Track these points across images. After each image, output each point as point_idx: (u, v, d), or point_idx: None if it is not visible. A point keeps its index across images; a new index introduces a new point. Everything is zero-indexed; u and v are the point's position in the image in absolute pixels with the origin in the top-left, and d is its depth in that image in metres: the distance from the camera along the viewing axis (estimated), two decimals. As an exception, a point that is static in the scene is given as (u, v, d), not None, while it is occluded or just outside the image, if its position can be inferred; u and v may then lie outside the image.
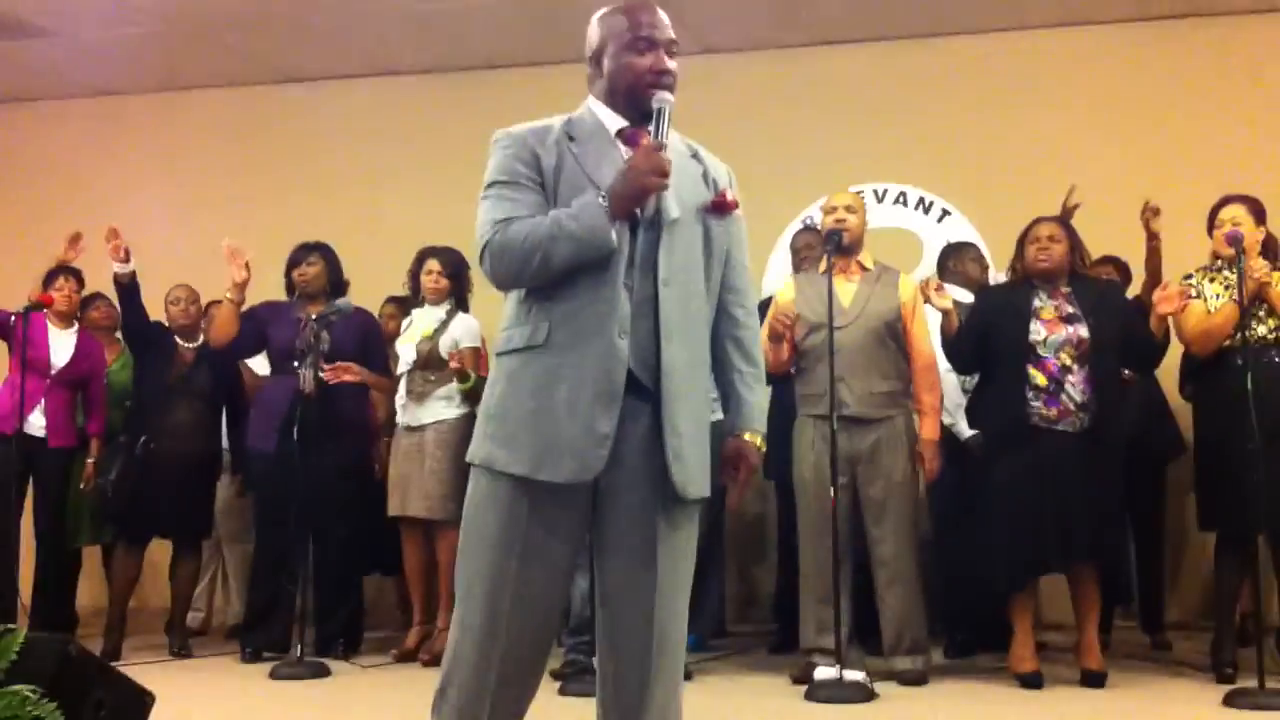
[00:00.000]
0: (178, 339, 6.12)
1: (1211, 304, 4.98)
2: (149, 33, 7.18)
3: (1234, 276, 4.80)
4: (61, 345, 6.19)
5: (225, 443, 6.31)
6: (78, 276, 6.32)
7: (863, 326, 5.02)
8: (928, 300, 5.03)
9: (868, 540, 5.05)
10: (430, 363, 5.63)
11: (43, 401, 6.08)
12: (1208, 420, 5.09)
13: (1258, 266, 4.84)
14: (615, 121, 2.75)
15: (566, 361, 2.56)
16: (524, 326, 2.63)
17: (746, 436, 2.71)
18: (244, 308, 5.76)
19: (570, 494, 2.58)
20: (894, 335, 5.08)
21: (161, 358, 6.06)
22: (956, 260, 6.05)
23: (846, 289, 5.09)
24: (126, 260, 5.87)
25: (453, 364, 5.41)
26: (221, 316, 5.78)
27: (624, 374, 2.55)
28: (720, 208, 2.75)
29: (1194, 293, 5.03)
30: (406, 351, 5.72)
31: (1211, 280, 5.03)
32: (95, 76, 8.05)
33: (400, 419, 5.72)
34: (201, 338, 6.17)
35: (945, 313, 5.02)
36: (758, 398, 2.76)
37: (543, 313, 2.61)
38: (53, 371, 6.10)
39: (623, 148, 2.71)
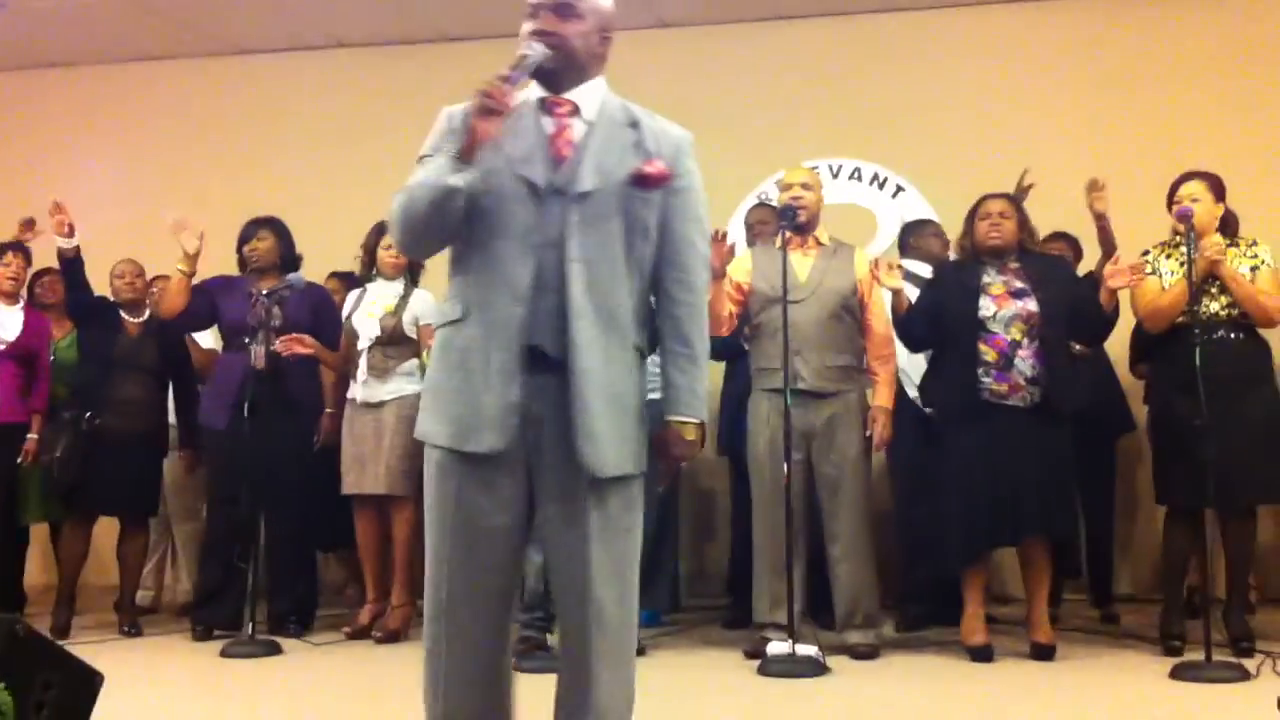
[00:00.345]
0: (123, 313, 6.06)
1: (1167, 280, 5.01)
2: (98, 3, 7.07)
3: (1187, 252, 4.84)
4: (8, 321, 6.10)
5: (172, 418, 6.26)
6: (24, 252, 6.24)
7: (818, 301, 5.03)
8: (877, 280, 5.04)
9: (822, 515, 5.07)
10: (394, 338, 5.59)
11: None
12: (1160, 396, 5.14)
13: (1210, 244, 4.88)
14: (540, 93, 2.74)
15: (479, 334, 2.61)
16: (451, 301, 2.68)
17: (673, 423, 2.68)
18: (195, 281, 5.70)
19: (498, 466, 2.60)
20: (850, 310, 5.10)
21: (106, 332, 6.00)
22: (917, 237, 6.08)
23: (803, 264, 5.10)
24: (70, 235, 5.80)
25: (428, 342, 5.36)
26: (172, 288, 5.71)
27: (520, 346, 2.57)
28: (642, 180, 2.68)
29: (1149, 269, 5.06)
30: (368, 326, 5.67)
31: (1168, 256, 5.06)
32: (43, 48, 7.94)
33: (357, 395, 5.66)
34: (148, 312, 6.12)
35: (895, 292, 5.03)
36: (689, 380, 2.70)
37: (464, 286, 2.66)
38: (0, 347, 6.02)
39: (545, 118, 2.71)
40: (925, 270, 5.64)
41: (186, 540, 6.73)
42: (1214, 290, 4.94)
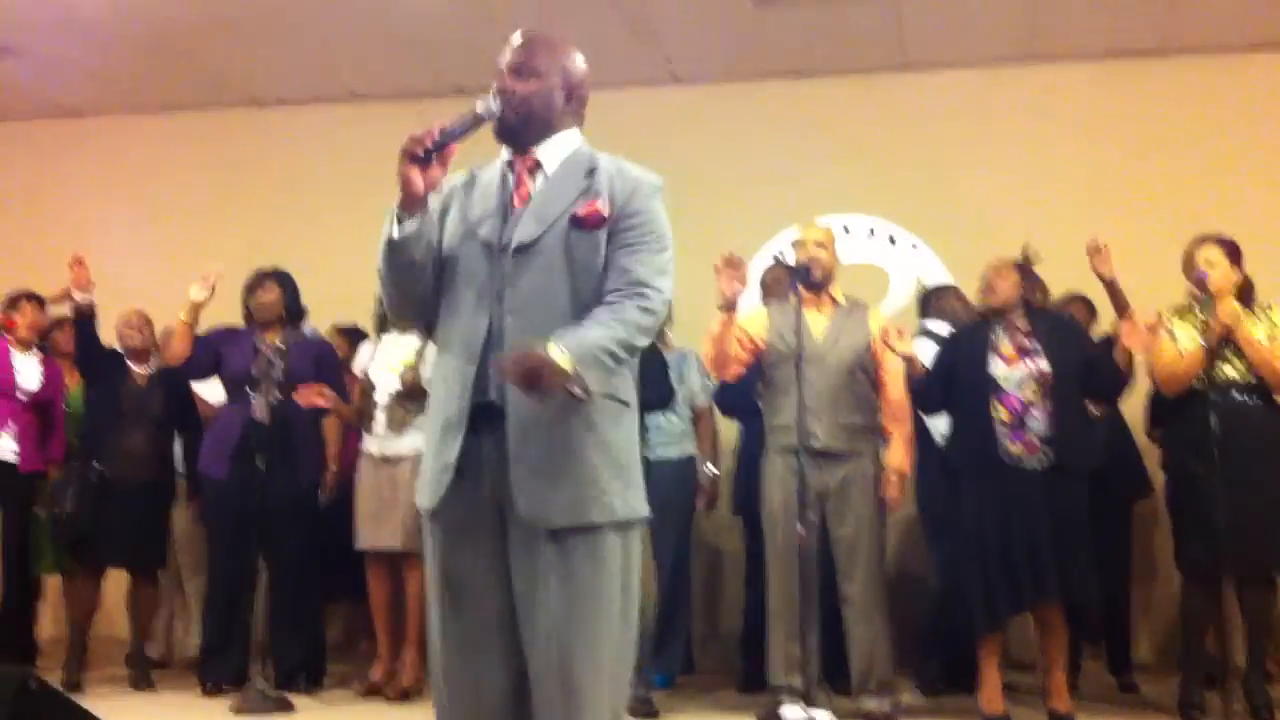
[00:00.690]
0: (130, 363, 6.05)
1: (1182, 345, 5.00)
2: (116, 53, 7.13)
3: (1204, 317, 4.83)
4: (28, 370, 6.10)
5: (180, 467, 6.25)
6: (39, 301, 6.25)
7: (833, 360, 5.02)
8: (889, 347, 4.99)
9: (836, 576, 5.04)
10: (412, 392, 5.54)
11: (11, 425, 5.98)
12: (1176, 460, 5.12)
13: (1226, 309, 4.88)
14: (509, 155, 2.83)
15: (442, 393, 2.70)
16: (435, 362, 2.78)
17: (549, 343, 2.52)
18: (200, 330, 5.74)
19: (473, 522, 2.65)
20: (864, 369, 5.09)
21: (112, 382, 5.99)
22: (939, 299, 6.06)
23: (817, 322, 5.09)
24: (88, 289, 5.81)
25: None
26: (176, 335, 5.72)
27: (466, 403, 2.63)
28: (579, 222, 2.70)
29: (1164, 332, 5.04)
30: (386, 380, 5.64)
31: (1182, 319, 5.06)
32: (60, 96, 7.98)
33: (373, 449, 5.64)
34: (154, 362, 6.11)
35: (908, 359, 5.01)
36: (587, 329, 2.58)
37: (439, 349, 2.77)
38: (19, 394, 6.00)
39: (509, 177, 2.80)
40: (945, 329, 5.64)
41: (198, 593, 6.70)
42: (1230, 355, 4.93)
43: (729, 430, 6.24)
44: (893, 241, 7.17)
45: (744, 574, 6.13)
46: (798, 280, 5.00)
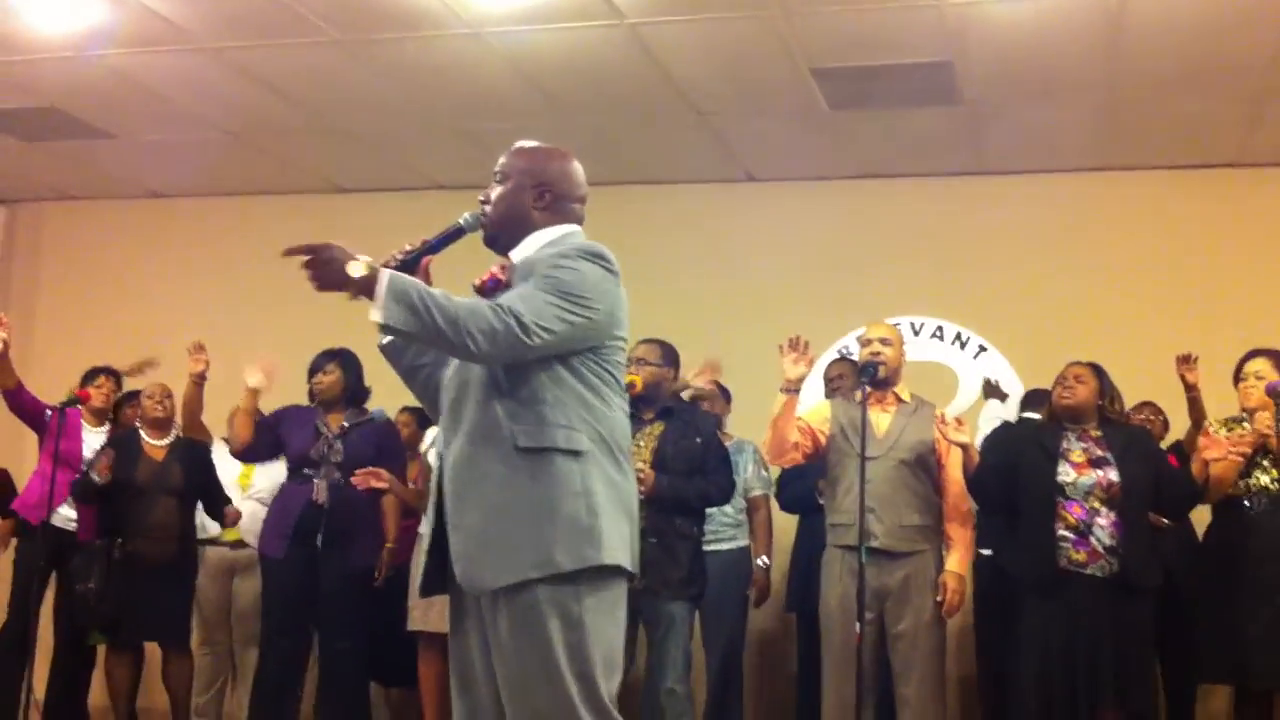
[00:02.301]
0: (144, 436, 6.11)
1: None
2: (205, 139, 7.31)
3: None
4: (95, 442, 6.21)
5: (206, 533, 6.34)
6: (116, 377, 6.37)
7: (895, 458, 4.98)
8: (944, 436, 4.94)
9: (893, 678, 4.96)
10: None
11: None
12: (1208, 568, 5.12)
13: (1261, 419, 4.89)
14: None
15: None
16: None
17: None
18: (267, 412, 5.84)
19: (458, 604, 2.82)
20: (927, 469, 5.04)
21: (129, 456, 6.02)
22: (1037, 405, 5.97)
23: (881, 420, 5.07)
24: (204, 375, 5.93)
25: None
26: (236, 423, 5.79)
27: (435, 485, 2.84)
28: (478, 290, 2.86)
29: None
30: (443, 463, 5.67)
31: (1230, 430, 5.04)
32: (149, 179, 8.20)
33: (425, 531, 5.64)
34: (174, 433, 6.17)
35: (964, 448, 4.95)
36: (419, 282, 2.70)
37: None
38: (83, 466, 6.10)
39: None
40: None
41: (249, 668, 6.71)
42: (1266, 464, 4.91)
43: (787, 527, 6.19)
44: (961, 344, 7.14)
45: (796, 673, 6.06)
46: (864, 378, 5.01)
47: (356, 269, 2.62)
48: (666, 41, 5.80)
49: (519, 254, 2.92)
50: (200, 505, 6.20)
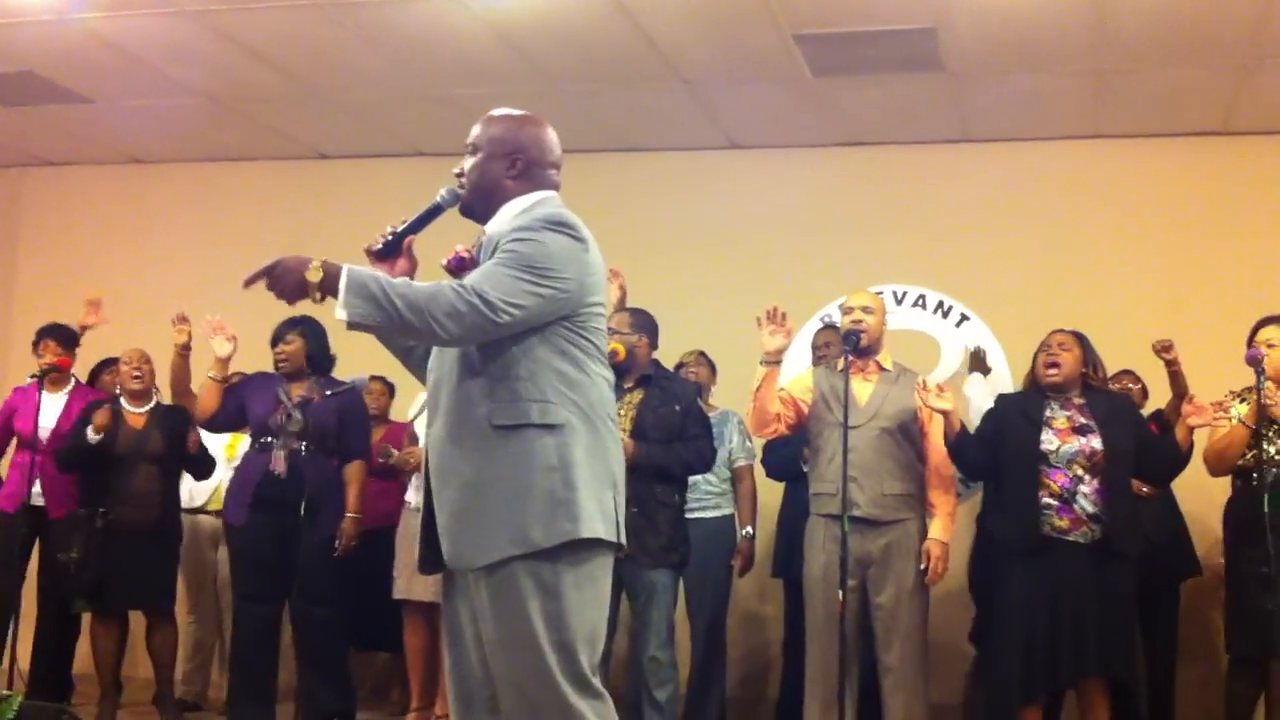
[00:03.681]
0: (125, 404, 6.07)
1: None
2: (186, 105, 7.25)
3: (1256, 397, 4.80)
4: (49, 411, 6.16)
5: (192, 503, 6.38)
6: (59, 338, 6.32)
7: (877, 427, 4.99)
8: (924, 403, 4.95)
9: (875, 645, 4.98)
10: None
11: (37, 474, 6.03)
12: (1229, 540, 5.09)
13: (1271, 390, 4.83)
14: None
15: None
16: None
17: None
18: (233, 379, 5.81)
19: (449, 574, 2.86)
20: (909, 437, 5.05)
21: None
22: None
23: (863, 389, 5.07)
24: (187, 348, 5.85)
25: None
26: (202, 393, 5.77)
27: (424, 458, 2.87)
28: (447, 270, 2.86)
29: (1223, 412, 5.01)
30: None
31: (1243, 401, 5.01)
32: (130, 144, 8.14)
33: (412, 500, 5.65)
34: (154, 400, 6.14)
35: (945, 414, 4.95)
36: (376, 274, 2.72)
37: None
38: (41, 440, 6.05)
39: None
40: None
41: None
42: (1272, 434, 4.89)
43: (772, 493, 6.21)
44: (944, 312, 7.14)
45: (782, 639, 6.08)
46: (846, 346, 5.01)
47: (313, 273, 2.64)
48: (649, 7, 5.76)
49: (494, 225, 2.91)
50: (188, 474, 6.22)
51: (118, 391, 6.15)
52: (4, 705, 3.00)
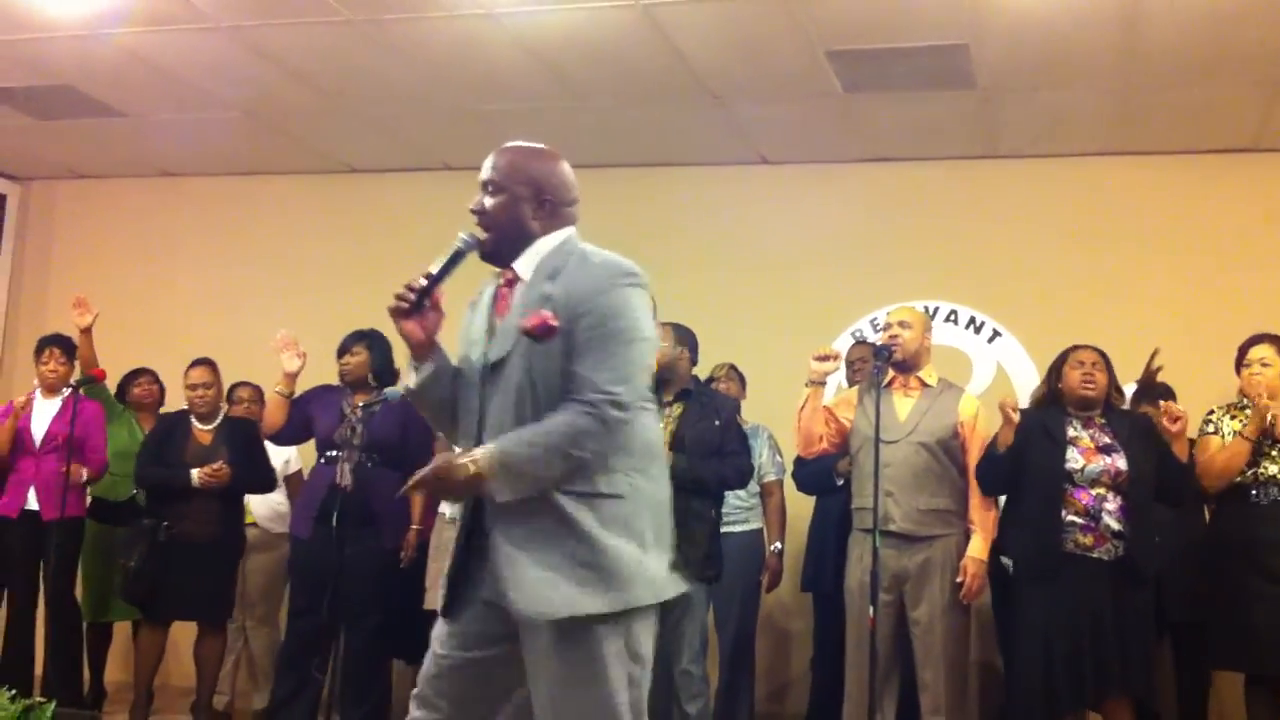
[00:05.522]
0: (194, 421, 6.14)
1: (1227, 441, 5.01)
2: (217, 119, 7.30)
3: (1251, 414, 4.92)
4: (44, 415, 6.22)
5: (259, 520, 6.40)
6: (64, 346, 6.37)
7: (915, 442, 4.98)
8: (1008, 418, 4.85)
9: (913, 660, 4.96)
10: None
11: (32, 480, 6.14)
12: (1216, 557, 5.12)
13: (1263, 406, 4.88)
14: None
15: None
16: None
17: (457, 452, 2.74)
18: (297, 394, 5.84)
19: (465, 615, 2.85)
20: (949, 453, 5.03)
21: (176, 440, 6.08)
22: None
23: (903, 404, 5.06)
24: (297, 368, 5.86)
25: None
26: (269, 408, 5.84)
27: (466, 517, 2.85)
28: (529, 334, 2.75)
29: (1212, 428, 5.10)
30: (464, 444, 5.68)
31: (1232, 417, 5.06)
32: (161, 158, 8.19)
33: (446, 511, 5.67)
34: (220, 418, 6.19)
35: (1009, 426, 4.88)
36: (509, 441, 2.70)
37: None
38: (35, 446, 6.13)
39: (499, 294, 2.92)
40: None
41: (262, 646, 6.75)
42: (1274, 453, 4.91)
43: (803, 507, 6.19)
44: (976, 328, 7.12)
45: (811, 654, 6.06)
46: (878, 361, 5.00)
47: (464, 471, 2.67)
48: (680, 23, 5.78)
49: (524, 267, 2.87)
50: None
51: (187, 406, 6.19)
52: (37, 713, 3.01)
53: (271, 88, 6.77)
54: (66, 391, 6.22)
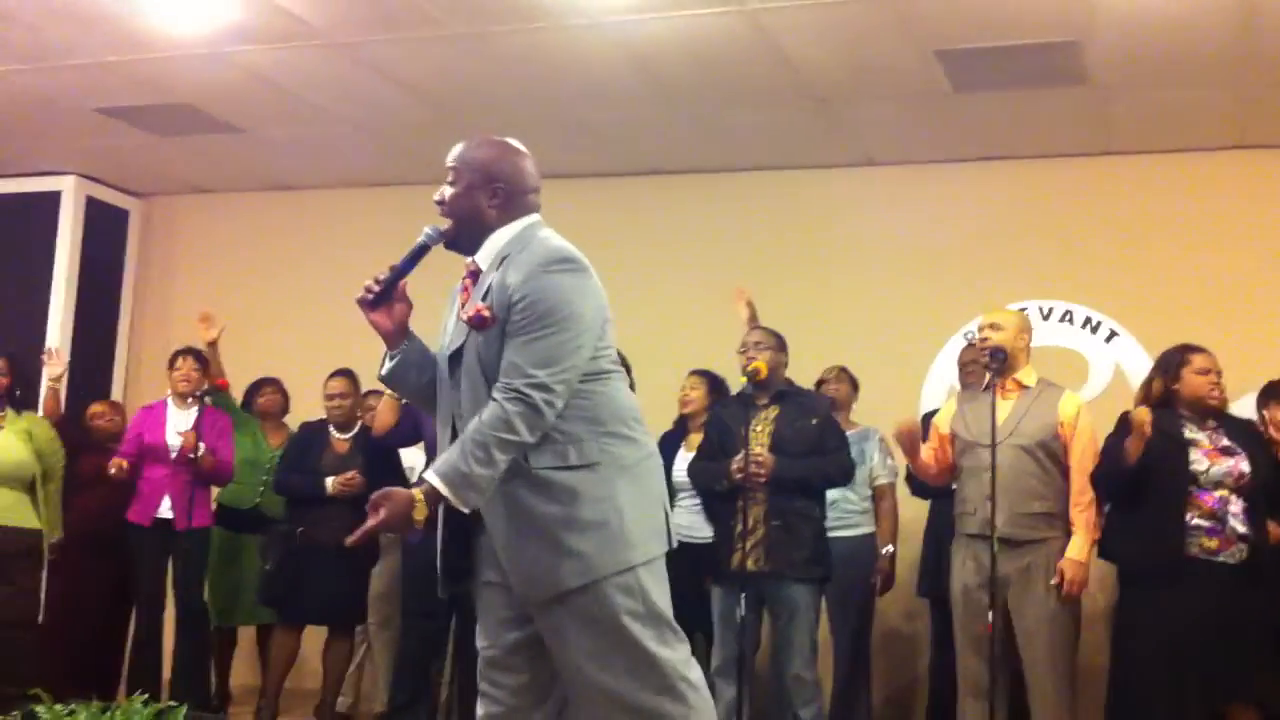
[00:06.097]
0: (332, 430, 6.27)
1: None
2: (331, 133, 7.45)
3: None
4: (178, 426, 6.36)
5: None
6: (197, 356, 6.53)
7: (1014, 445, 4.91)
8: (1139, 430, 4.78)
9: (1023, 664, 4.91)
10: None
11: (167, 488, 6.26)
12: None
13: None
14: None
15: None
16: None
17: (414, 489, 2.80)
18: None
19: (491, 592, 2.99)
20: (1050, 455, 4.96)
21: (314, 448, 6.22)
22: None
23: (1001, 407, 4.99)
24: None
25: None
26: (382, 408, 5.93)
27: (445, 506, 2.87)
28: (473, 325, 2.85)
29: None
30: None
31: None
32: (279, 172, 8.37)
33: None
34: (357, 427, 6.31)
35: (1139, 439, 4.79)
36: (448, 457, 2.80)
37: None
38: (172, 455, 6.26)
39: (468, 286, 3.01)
40: None
41: (383, 649, 6.85)
42: None
43: (919, 510, 6.14)
44: (1092, 328, 7.01)
45: (929, 659, 6.01)
46: (992, 365, 4.97)
47: (420, 511, 2.80)
48: (785, 26, 5.77)
49: (483, 257, 2.97)
50: None
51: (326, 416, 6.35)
52: (169, 716, 3.12)
53: (383, 102, 6.89)
54: (196, 404, 6.35)
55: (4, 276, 8.34)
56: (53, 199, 8.34)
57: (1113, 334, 6.96)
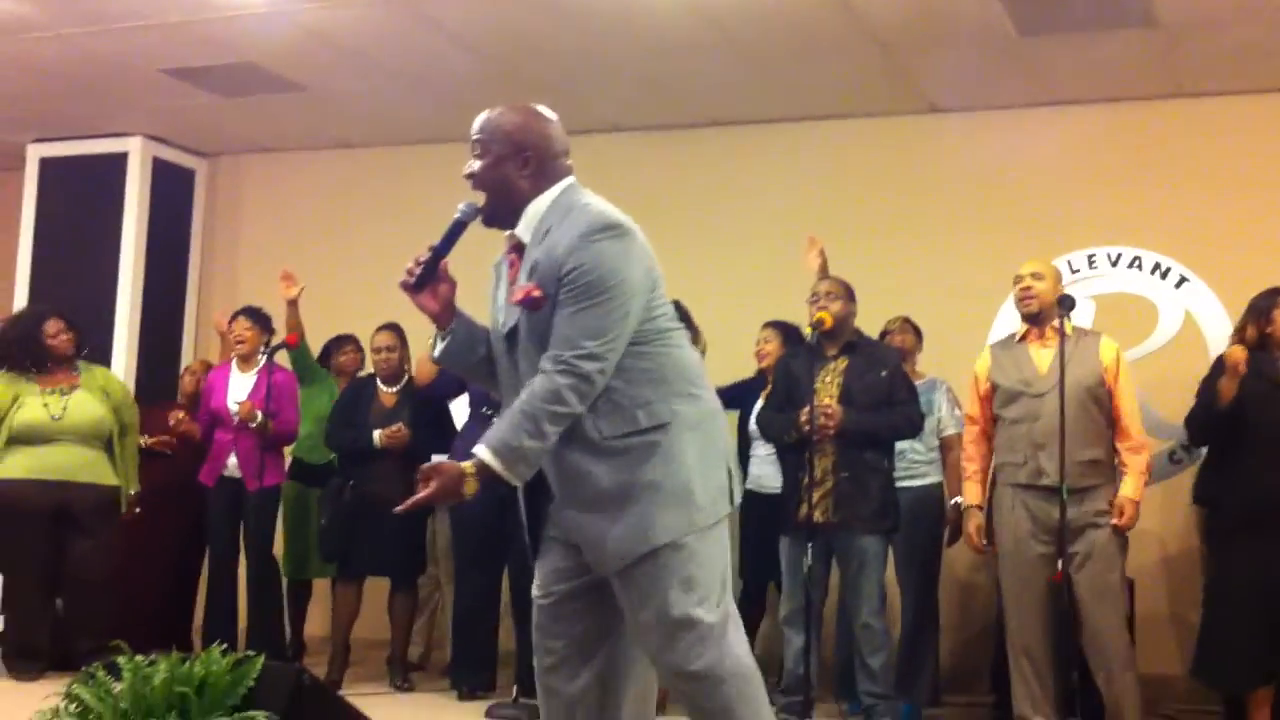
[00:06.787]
0: (379, 384, 6.31)
1: None
2: (392, 89, 7.47)
3: None
4: (240, 388, 6.46)
5: None
6: (252, 314, 6.62)
7: (1058, 394, 4.86)
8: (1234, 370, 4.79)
9: (1081, 613, 4.89)
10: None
11: (233, 450, 6.39)
12: None
13: None
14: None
15: None
16: None
17: (464, 463, 2.79)
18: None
19: (549, 547, 3.02)
20: (1097, 400, 4.94)
21: (362, 403, 6.27)
22: None
23: (1043, 356, 5.01)
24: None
25: None
26: (420, 358, 5.96)
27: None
28: (525, 306, 2.85)
29: None
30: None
31: None
32: (340, 129, 8.41)
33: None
34: (404, 380, 6.34)
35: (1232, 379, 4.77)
36: (497, 430, 2.82)
37: None
38: (234, 421, 6.35)
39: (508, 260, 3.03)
40: None
41: (451, 601, 6.93)
42: None
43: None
44: (1162, 274, 6.91)
45: (996, 606, 6.00)
46: (1065, 310, 4.94)
47: (470, 485, 2.80)
48: (848, -28, 5.71)
49: (523, 229, 2.94)
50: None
51: (372, 371, 6.41)
52: (248, 665, 3.20)
53: (444, 58, 6.90)
54: (261, 362, 6.45)
55: (73, 238, 8.46)
56: (120, 160, 8.44)
57: (1182, 279, 6.86)
